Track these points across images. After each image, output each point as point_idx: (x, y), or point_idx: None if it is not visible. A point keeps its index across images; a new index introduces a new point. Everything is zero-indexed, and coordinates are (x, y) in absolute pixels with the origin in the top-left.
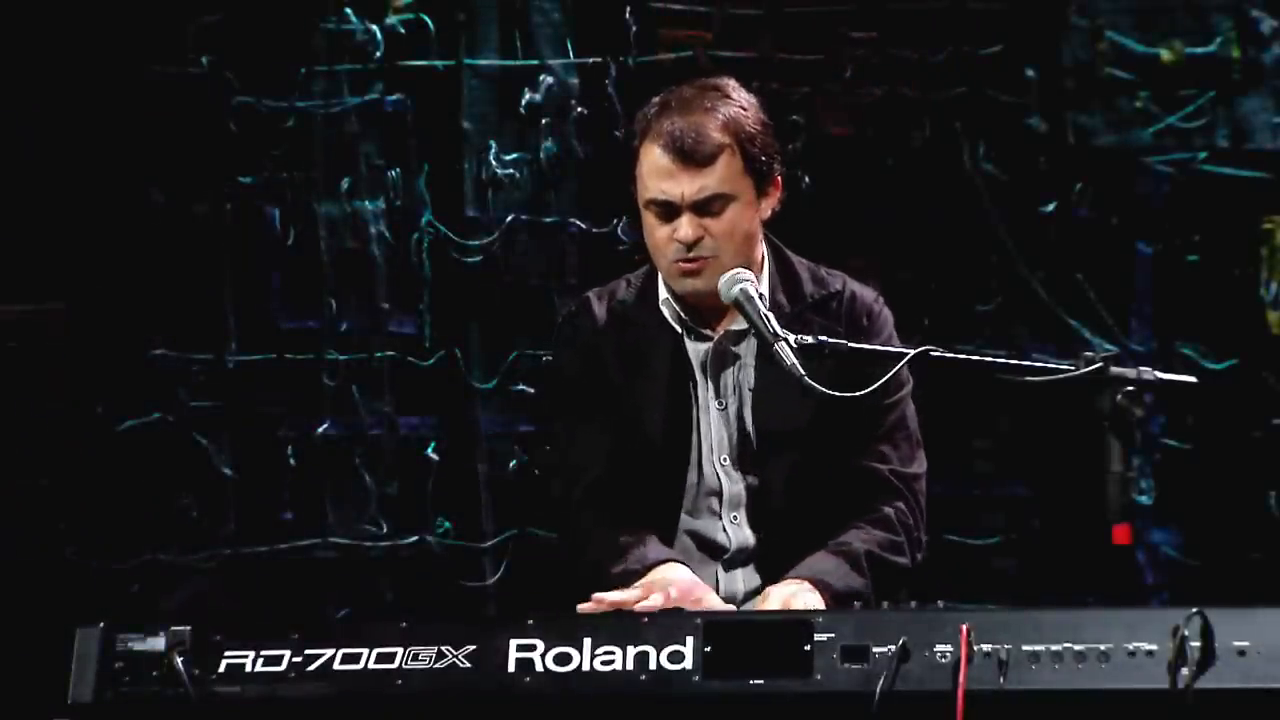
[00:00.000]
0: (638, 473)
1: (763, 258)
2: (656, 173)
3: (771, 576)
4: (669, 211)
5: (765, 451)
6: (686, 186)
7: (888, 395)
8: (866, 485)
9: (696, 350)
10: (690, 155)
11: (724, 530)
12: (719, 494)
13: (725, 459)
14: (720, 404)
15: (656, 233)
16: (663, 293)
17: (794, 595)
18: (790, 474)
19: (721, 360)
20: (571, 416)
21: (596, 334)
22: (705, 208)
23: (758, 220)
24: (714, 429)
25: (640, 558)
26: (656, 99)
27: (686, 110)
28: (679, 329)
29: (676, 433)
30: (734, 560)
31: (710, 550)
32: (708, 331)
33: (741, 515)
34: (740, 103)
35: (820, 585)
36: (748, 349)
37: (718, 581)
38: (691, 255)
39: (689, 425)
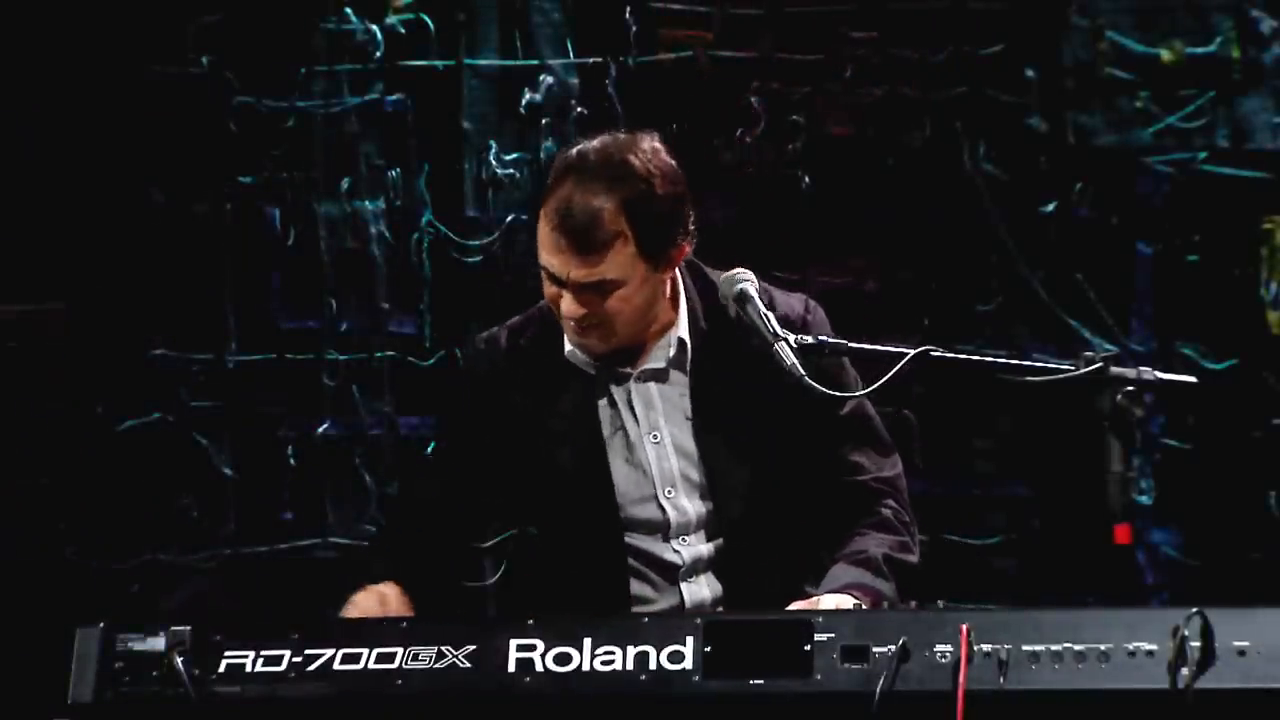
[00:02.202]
0: (556, 518)
1: (678, 295)
2: (546, 245)
3: (732, 582)
4: (557, 281)
5: (715, 475)
6: (574, 270)
7: (842, 404)
8: (853, 498)
9: (616, 389)
10: (580, 241)
11: (674, 551)
12: (666, 524)
13: (671, 490)
14: (655, 438)
15: (548, 291)
16: (568, 345)
17: (840, 604)
18: (745, 492)
19: (647, 396)
20: (442, 448)
21: (500, 376)
22: (593, 289)
23: (658, 287)
24: (653, 463)
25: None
26: (572, 152)
27: (586, 184)
28: (591, 371)
29: (592, 474)
30: (691, 571)
31: (664, 570)
32: (626, 370)
33: (693, 536)
34: (645, 173)
35: (859, 591)
36: (677, 379)
37: (681, 595)
38: (581, 325)
39: (605, 465)
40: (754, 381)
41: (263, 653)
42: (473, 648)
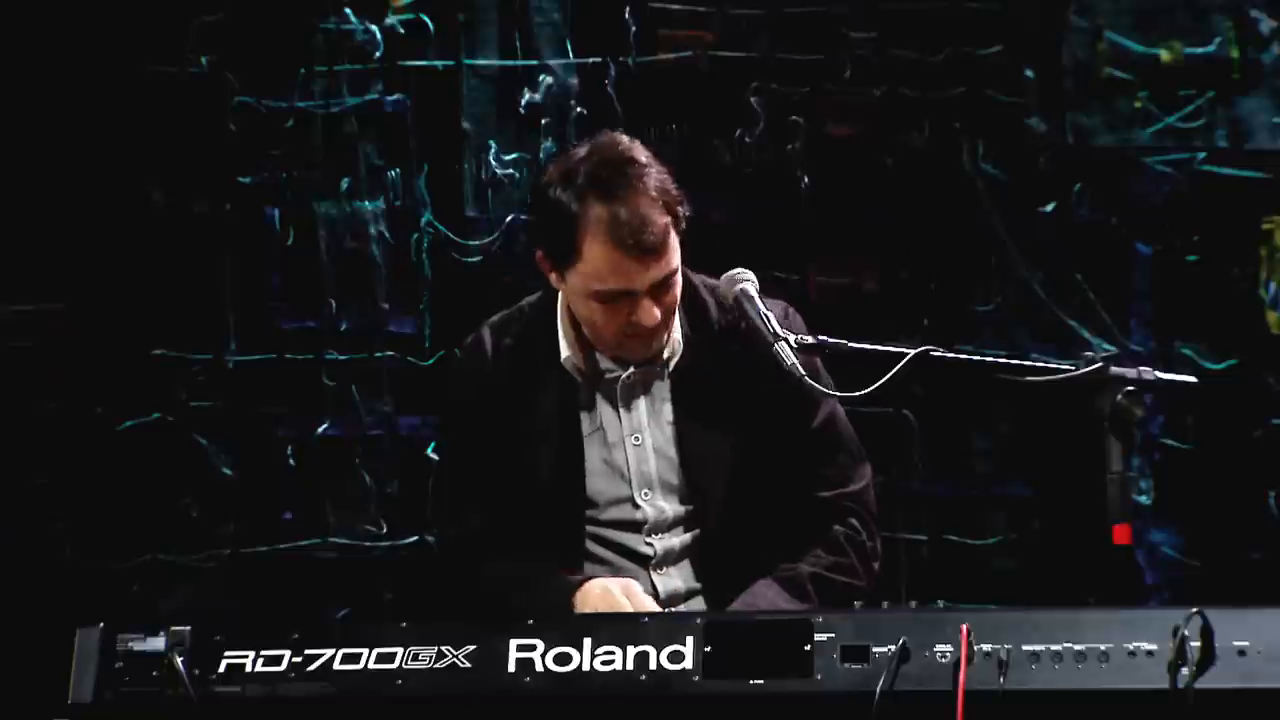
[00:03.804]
0: (534, 516)
1: None
2: (613, 271)
3: (708, 576)
4: (624, 297)
5: (693, 479)
6: (647, 276)
7: (812, 417)
8: (813, 512)
9: (602, 389)
10: (648, 248)
11: (647, 544)
12: (642, 523)
13: (648, 492)
14: (636, 440)
15: (607, 317)
16: (564, 350)
17: None
18: (722, 495)
19: (632, 398)
20: (461, 453)
21: (489, 374)
22: (661, 286)
23: None
24: (632, 464)
25: (559, 586)
26: (579, 175)
27: (621, 196)
28: (579, 378)
29: (570, 475)
30: (662, 562)
31: (636, 559)
32: (614, 373)
33: (668, 533)
34: (655, 166)
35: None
36: (663, 381)
37: (654, 584)
38: (654, 330)
39: (580, 467)
40: (735, 388)
41: (263, 653)
42: (473, 648)
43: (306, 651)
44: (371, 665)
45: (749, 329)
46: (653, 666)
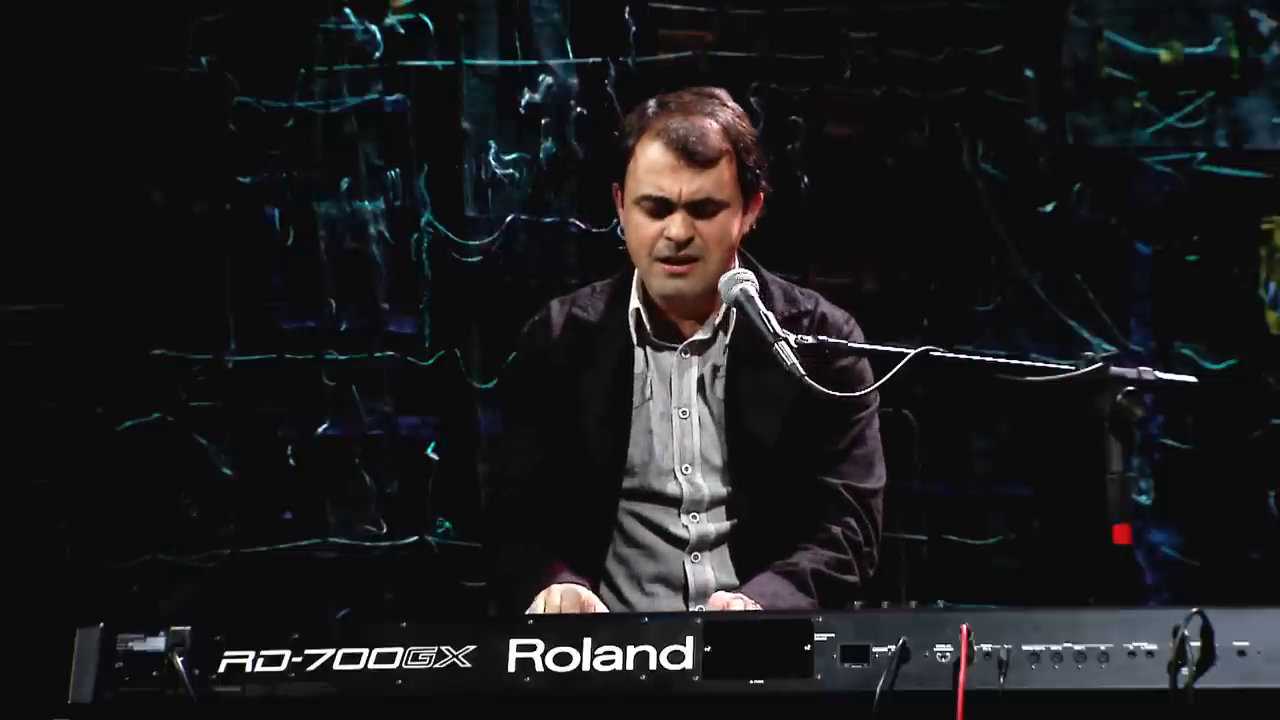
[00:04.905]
0: (577, 481)
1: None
2: (655, 169)
3: (742, 561)
4: (661, 208)
5: (736, 458)
6: (685, 185)
7: (853, 413)
8: (819, 499)
9: (658, 360)
10: (693, 155)
11: (683, 526)
12: (679, 499)
13: (688, 467)
14: (683, 413)
15: (644, 229)
16: (634, 303)
17: (733, 604)
18: (762, 477)
19: (685, 371)
20: (512, 425)
21: (552, 343)
22: (699, 209)
23: (739, 231)
24: (676, 437)
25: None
26: (653, 100)
27: (688, 112)
28: (635, 339)
29: (613, 441)
30: (697, 547)
31: (674, 542)
32: (672, 343)
33: (703, 515)
34: (738, 112)
35: (764, 601)
36: (716, 360)
37: (686, 575)
38: (679, 255)
39: (626, 433)
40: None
41: (263, 653)
42: (473, 648)
43: (306, 651)
44: (371, 665)
45: (810, 326)
46: (653, 666)
